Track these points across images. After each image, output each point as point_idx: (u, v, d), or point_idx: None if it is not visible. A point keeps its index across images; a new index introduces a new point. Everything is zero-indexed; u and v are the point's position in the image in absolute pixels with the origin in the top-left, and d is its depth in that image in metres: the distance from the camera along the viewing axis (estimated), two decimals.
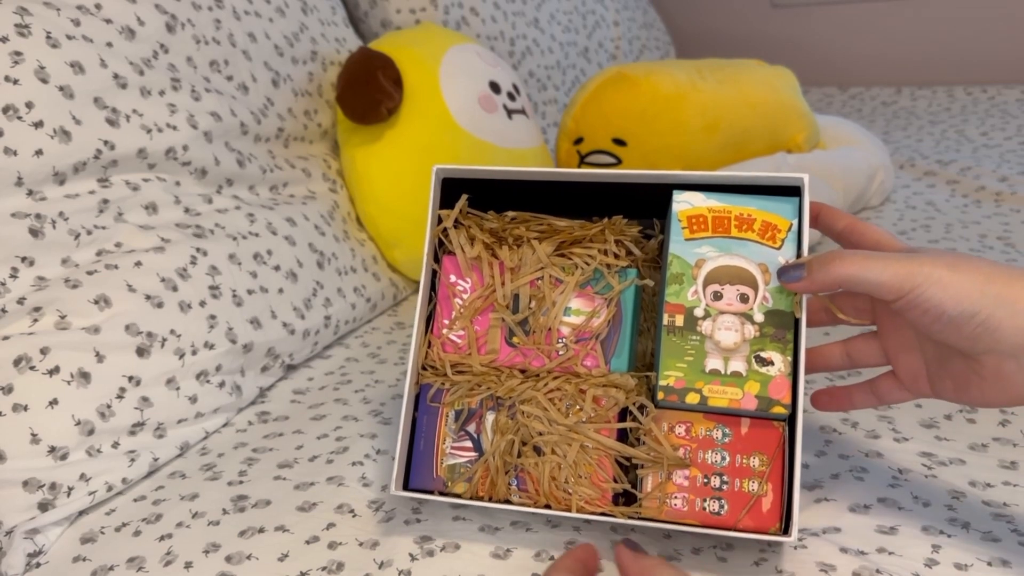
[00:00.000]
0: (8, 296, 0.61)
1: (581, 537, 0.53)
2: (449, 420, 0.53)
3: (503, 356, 0.54)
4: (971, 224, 1.07)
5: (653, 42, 1.84)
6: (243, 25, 0.88)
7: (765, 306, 0.49)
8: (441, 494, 0.52)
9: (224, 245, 0.75)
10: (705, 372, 0.49)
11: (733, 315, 0.49)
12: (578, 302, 0.53)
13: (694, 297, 0.49)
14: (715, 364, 0.49)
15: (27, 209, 0.64)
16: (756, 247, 0.49)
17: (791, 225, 0.49)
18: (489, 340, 0.54)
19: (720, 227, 0.50)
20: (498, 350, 0.54)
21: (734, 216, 0.50)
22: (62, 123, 0.66)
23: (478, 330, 0.54)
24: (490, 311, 0.55)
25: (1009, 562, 0.49)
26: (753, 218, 0.50)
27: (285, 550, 0.54)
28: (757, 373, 0.48)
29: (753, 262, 0.49)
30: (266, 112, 0.89)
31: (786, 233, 0.49)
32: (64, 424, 0.59)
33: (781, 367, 0.48)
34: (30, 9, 0.66)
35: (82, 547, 0.57)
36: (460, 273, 0.55)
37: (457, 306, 0.55)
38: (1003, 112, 1.56)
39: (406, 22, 1.22)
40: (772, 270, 0.49)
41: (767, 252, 0.49)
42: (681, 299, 0.49)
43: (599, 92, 1.07)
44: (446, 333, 0.55)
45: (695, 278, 0.50)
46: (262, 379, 0.77)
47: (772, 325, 0.48)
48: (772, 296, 0.49)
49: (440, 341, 0.55)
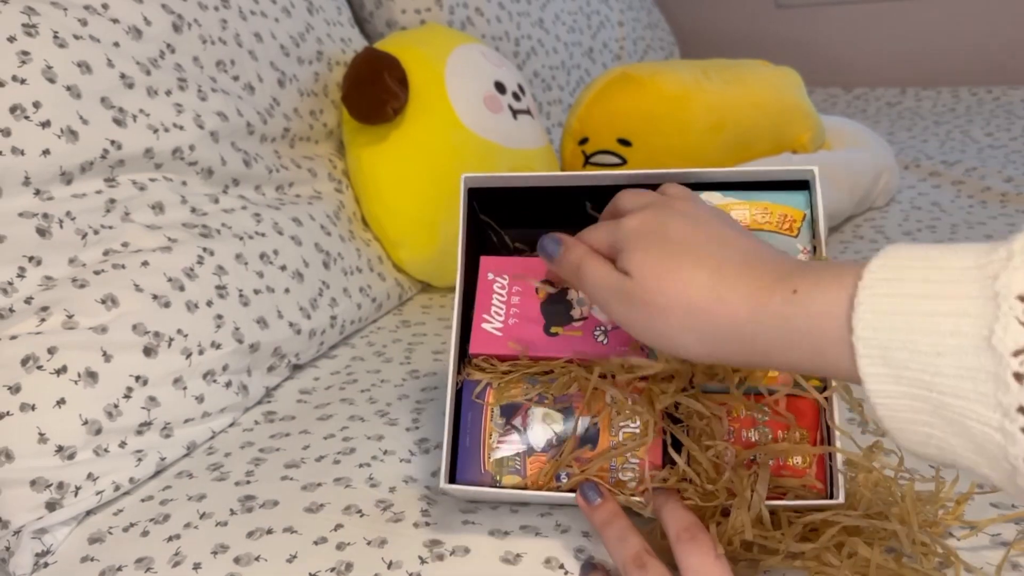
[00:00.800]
0: (15, 296, 0.61)
1: (590, 544, 0.53)
2: (495, 415, 0.54)
3: (542, 348, 0.54)
4: (976, 225, 1.07)
5: (657, 42, 1.84)
6: (249, 25, 0.88)
7: None
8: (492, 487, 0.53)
9: (231, 245, 0.75)
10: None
11: None
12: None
13: None
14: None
15: (34, 209, 0.64)
16: (775, 237, 0.52)
17: (805, 215, 0.52)
18: (528, 332, 0.55)
19: (740, 220, 0.52)
20: (536, 342, 0.55)
21: (755, 207, 0.53)
22: (69, 123, 0.66)
23: (516, 323, 0.55)
24: (527, 303, 0.56)
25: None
26: (770, 211, 0.52)
27: (293, 551, 0.54)
28: None
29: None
30: (272, 112, 0.89)
31: (801, 223, 0.52)
32: (71, 424, 0.59)
33: None
34: (37, 9, 0.66)
35: (90, 547, 0.57)
36: (498, 270, 0.57)
37: (496, 301, 0.56)
38: (1008, 113, 1.56)
39: (411, 22, 1.22)
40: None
41: (786, 241, 0.52)
42: None
43: (604, 92, 1.07)
44: (486, 327, 0.55)
45: None
46: (268, 379, 0.77)
47: None
48: None
49: (480, 336, 0.55)
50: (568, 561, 0.51)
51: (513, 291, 0.56)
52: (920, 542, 0.45)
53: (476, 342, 0.55)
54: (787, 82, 1.13)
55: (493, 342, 0.55)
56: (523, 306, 0.56)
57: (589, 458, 0.52)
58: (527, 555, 0.52)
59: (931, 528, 0.48)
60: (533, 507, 0.56)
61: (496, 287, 0.56)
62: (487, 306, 0.56)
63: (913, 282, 0.32)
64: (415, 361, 0.82)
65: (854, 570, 0.45)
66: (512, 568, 0.51)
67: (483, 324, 0.55)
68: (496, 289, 0.56)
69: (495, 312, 0.56)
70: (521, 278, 0.56)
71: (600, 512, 0.49)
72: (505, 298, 0.56)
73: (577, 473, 0.52)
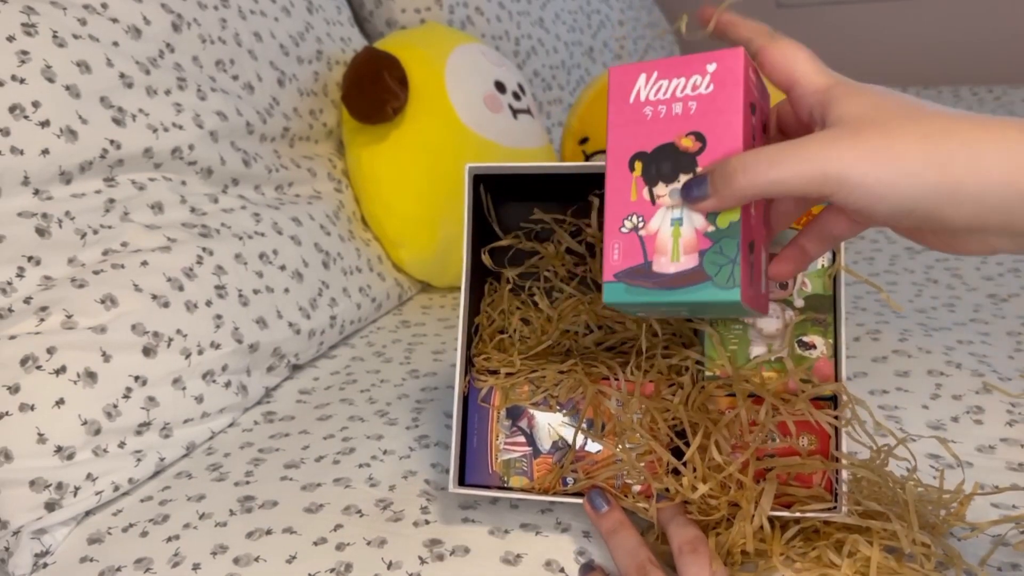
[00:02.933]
0: (15, 295, 0.61)
1: (590, 545, 0.53)
2: (501, 417, 0.54)
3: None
4: None
5: (658, 42, 1.84)
6: (249, 24, 0.88)
7: (804, 291, 0.50)
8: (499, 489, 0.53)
9: (230, 245, 0.75)
10: (750, 359, 0.50)
11: (774, 302, 0.50)
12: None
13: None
14: (759, 350, 0.50)
15: (34, 208, 0.64)
16: (790, 232, 0.48)
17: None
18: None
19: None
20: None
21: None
22: (68, 122, 0.66)
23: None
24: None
25: (1019, 566, 0.48)
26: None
27: (293, 551, 0.54)
28: (800, 357, 0.49)
29: None
30: (272, 112, 0.89)
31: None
32: (71, 424, 0.59)
33: (823, 350, 0.49)
34: (37, 8, 0.66)
35: (89, 547, 0.56)
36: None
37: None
38: (1009, 112, 1.55)
39: (411, 21, 1.22)
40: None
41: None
42: None
43: (605, 92, 1.07)
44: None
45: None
46: (268, 379, 0.77)
47: (812, 309, 0.50)
48: (810, 281, 0.50)
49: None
50: (568, 564, 0.51)
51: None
52: (921, 542, 0.45)
53: (483, 346, 0.55)
54: None
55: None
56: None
57: (595, 462, 0.52)
58: (527, 556, 0.52)
59: (932, 529, 0.48)
60: (533, 503, 0.56)
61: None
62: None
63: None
64: (415, 361, 0.82)
65: (854, 570, 0.45)
66: (512, 569, 0.51)
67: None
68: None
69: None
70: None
71: (607, 520, 0.49)
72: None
73: (583, 478, 0.52)
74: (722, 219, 0.40)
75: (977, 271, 0.93)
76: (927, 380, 0.69)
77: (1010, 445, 0.60)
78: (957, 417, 0.64)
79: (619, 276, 0.42)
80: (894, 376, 0.70)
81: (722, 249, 0.40)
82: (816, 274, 0.50)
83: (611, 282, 0.42)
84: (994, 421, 0.63)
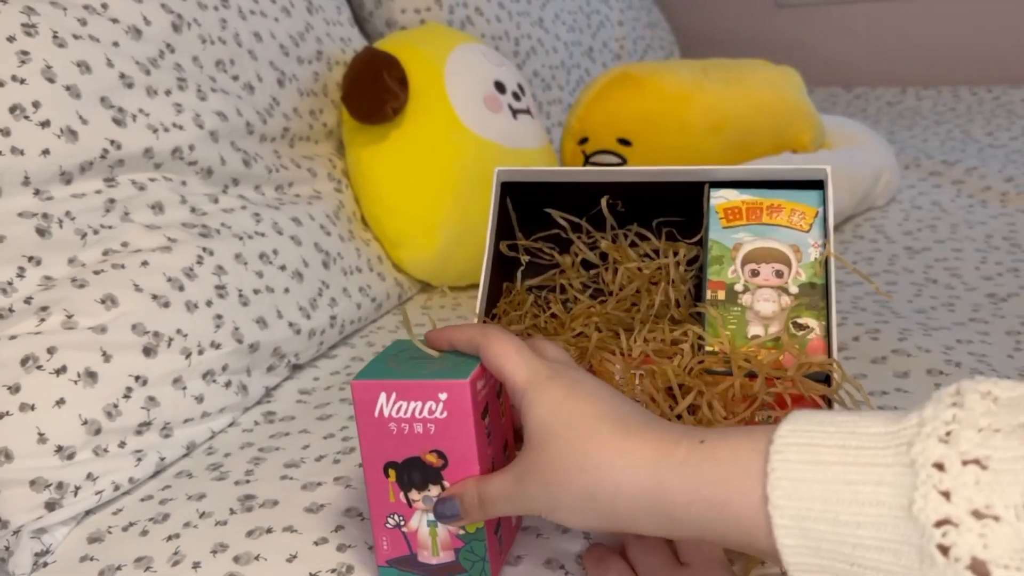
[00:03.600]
0: (15, 295, 0.61)
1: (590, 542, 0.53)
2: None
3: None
4: (977, 225, 1.07)
5: (657, 42, 1.84)
6: (249, 25, 0.88)
7: (798, 279, 0.54)
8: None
9: (230, 245, 0.75)
10: (747, 338, 0.53)
11: (770, 288, 0.54)
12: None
13: (733, 275, 0.55)
14: (756, 330, 0.54)
15: (34, 208, 0.64)
16: (787, 231, 0.55)
17: (817, 212, 0.56)
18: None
19: (753, 215, 0.56)
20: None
21: (766, 206, 0.56)
22: (69, 123, 0.66)
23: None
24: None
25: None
26: (783, 207, 0.56)
27: (294, 551, 0.54)
28: (795, 336, 0.53)
29: (786, 243, 0.55)
30: (272, 112, 0.89)
31: (813, 219, 0.56)
32: (71, 423, 0.59)
33: (817, 331, 0.53)
34: (37, 8, 0.66)
35: (89, 547, 0.57)
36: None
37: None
38: (1008, 112, 1.56)
39: (411, 22, 1.22)
40: (803, 250, 0.55)
41: (797, 235, 0.55)
42: (722, 276, 0.55)
43: (604, 92, 1.07)
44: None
45: (734, 259, 0.56)
46: (268, 379, 0.77)
47: (806, 295, 0.54)
48: (804, 271, 0.55)
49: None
50: (568, 562, 0.51)
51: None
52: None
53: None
54: (787, 82, 1.13)
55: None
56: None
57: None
58: (528, 556, 0.52)
59: None
60: None
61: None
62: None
63: (828, 448, 0.31)
64: None
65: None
66: (513, 569, 0.51)
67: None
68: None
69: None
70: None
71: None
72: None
73: None
74: (470, 525, 0.47)
75: (976, 271, 0.93)
76: (926, 380, 0.70)
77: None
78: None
79: (391, 563, 0.49)
80: (893, 377, 0.71)
81: (473, 549, 0.47)
82: (809, 265, 0.54)
83: (384, 567, 0.49)
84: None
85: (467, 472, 0.46)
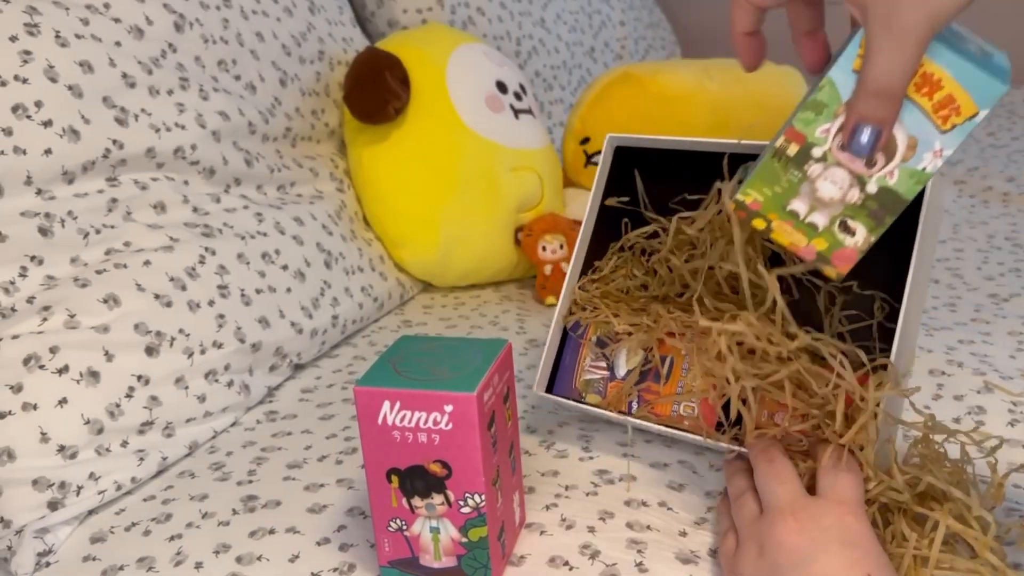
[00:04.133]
0: (18, 295, 0.61)
1: (595, 539, 0.53)
2: (592, 344, 0.63)
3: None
4: (979, 224, 1.07)
5: (659, 42, 1.84)
6: (251, 25, 0.88)
7: (885, 180, 0.44)
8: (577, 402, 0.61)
9: (232, 244, 0.75)
10: (784, 209, 0.46)
11: (848, 172, 0.44)
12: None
13: (822, 135, 0.44)
14: (798, 207, 0.45)
15: (36, 208, 0.64)
16: (922, 118, 0.42)
17: (976, 113, 0.42)
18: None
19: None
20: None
21: (922, 72, 0.41)
22: (71, 122, 0.66)
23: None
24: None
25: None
26: (941, 85, 0.41)
27: (296, 551, 0.54)
28: (832, 234, 0.45)
29: (906, 131, 0.43)
30: (274, 112, 0.89)
31: (964, 120, 0.42)
32: (73, 423, 0.59)
33: (859, 242, 0.45)
34: (39, 8, 0.66)
35: (92, 546, 0.57)
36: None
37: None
38: (1010, 112, 1.56)
39: (413, 22, 1.22)
40: (920, 149, 0.43)
41: (929, 130, 0.42)
42: (808, 129, 0.44)
43: (606, 92, 1.07)
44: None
45: (836, 115, 0.43)
46: (270, 378, 0.77)
47: (878, 201, 0.44)
48: (899, 175, 0.43)
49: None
50: (573, 557, 0.51)
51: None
52: (981, 518, 0.46)
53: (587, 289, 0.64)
54: (789, 81, 1.13)
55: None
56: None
57: (656, 393, 0.59)
58: (531, 556, 0.52)
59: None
60: (537, 503, 0.56)
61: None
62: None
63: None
64: None
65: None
66: (515, 568, 0.51)
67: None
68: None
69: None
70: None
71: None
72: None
73: (646, 405, 0.59)
74: (473, 533, 0.47)
75: (978, 271, 0.93)
76: (929, 380, 0.70)
77: (1012, 446, 0.60)
78: (959, 417, 0.64)
79: (392, 564, 0.50)
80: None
81: (475, 557, 0.48)
82: (909, 172, 0.43)
83: (386, 567, 0.50)
84: (996, 420, 0.64)
85: (471, 483, 0.46)
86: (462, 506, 0.47)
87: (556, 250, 0.95)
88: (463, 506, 0.47)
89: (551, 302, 0.95)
